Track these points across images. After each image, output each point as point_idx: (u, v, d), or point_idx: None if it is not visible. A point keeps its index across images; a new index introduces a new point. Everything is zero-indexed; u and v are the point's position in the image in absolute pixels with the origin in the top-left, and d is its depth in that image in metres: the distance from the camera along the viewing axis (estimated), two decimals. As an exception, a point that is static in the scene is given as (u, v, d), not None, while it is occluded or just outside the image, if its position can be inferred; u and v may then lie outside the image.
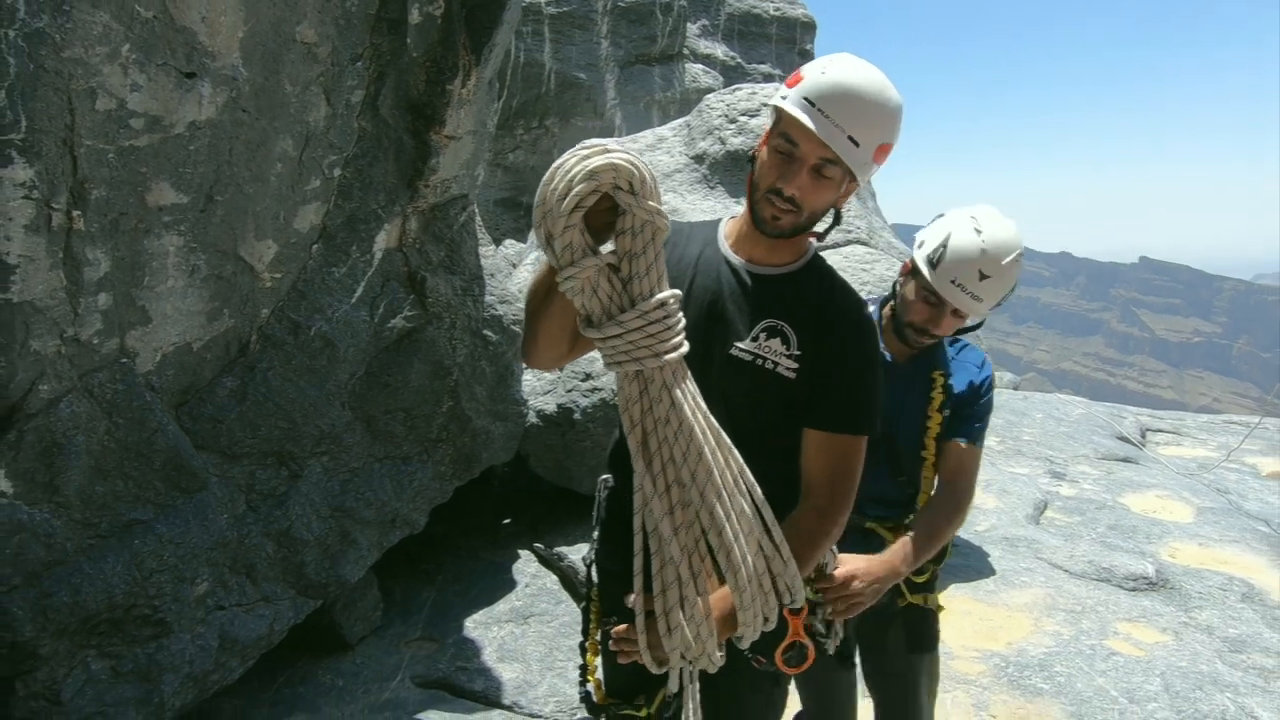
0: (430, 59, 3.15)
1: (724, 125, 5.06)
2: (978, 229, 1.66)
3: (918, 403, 1.83)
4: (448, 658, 3.22)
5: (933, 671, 1.98)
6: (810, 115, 1.24)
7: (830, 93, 1.24)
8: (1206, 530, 4.84)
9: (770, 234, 1.34)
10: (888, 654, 1.98)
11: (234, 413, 2.63)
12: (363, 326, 3.07)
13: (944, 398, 1.81)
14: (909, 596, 1.89)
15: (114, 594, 2.16)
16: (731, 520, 1.14)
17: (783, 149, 1.28)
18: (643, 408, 1.14)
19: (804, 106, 1.25)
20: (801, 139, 1.26)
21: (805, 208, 1.30)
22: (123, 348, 2.21)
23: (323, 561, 2.91)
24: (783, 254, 1.42)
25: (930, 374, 1.83)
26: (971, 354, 1.90)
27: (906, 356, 1.86)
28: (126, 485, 2.25)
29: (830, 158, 1.26)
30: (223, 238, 2.44)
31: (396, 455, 3.29)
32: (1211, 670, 3.18)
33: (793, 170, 1.28)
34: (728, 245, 1.46)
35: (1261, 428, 8.07)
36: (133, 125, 2.01)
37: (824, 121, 1.24)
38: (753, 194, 1.35)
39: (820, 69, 1.28)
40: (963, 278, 1.66)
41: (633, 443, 1.15)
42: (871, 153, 1.29)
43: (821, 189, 1.30)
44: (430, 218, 3.41)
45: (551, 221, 1.07)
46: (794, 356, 1.36)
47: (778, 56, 9.48)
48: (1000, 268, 1.65)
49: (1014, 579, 4.03)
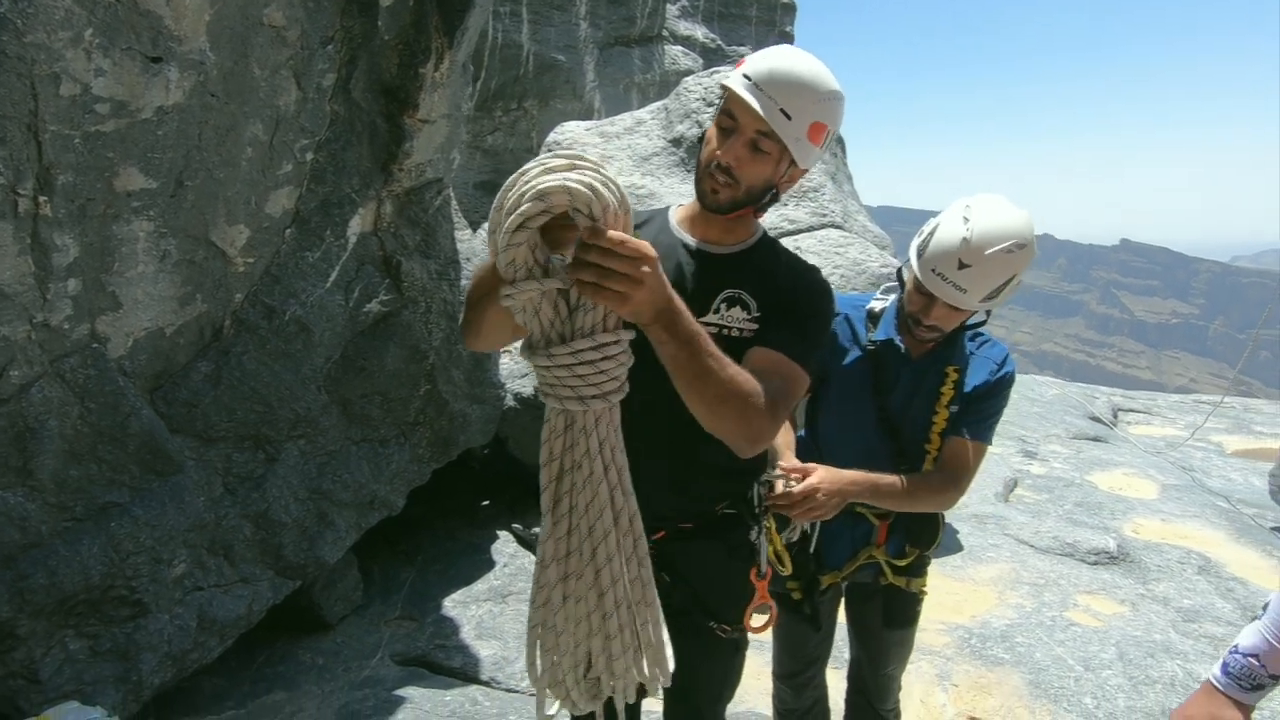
0: (402, 42, 3.14)
1: (702, 108, 5.06)
2: (966, 218, 1.65)
3: (927, 396, 1.83)
4: (427, 636, 3.28)
5: (904, 646, 2.05)
6: (748, 90, 1.33)
7: (768, 71, 1.33)
8: (1169, 506, 5.00)
9: (711, 208, 1.40)
10: (865, 626, 2.06)
11: (209, 396, 2.65)
12: (338, 310, 3.09)
13: (954, 393, 1.81)
14: (890, 577, 1.94)
15: (90, 575, 2.19)
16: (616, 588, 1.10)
17: (725, 124, 1.37)
18: (564, 444, 1.08)
19: (745, 84, 1.34)
20: (740, 112, 1.34)
21: (742, 181, 1.36)
22: (94, 333, 2.22)
23: (301, 543, 2.94)
24: (735, 233, 1.48)
25: (944, 368, 1.82)
26: (993, 350, 1.85)
27: (921, 350, 1.85)
28: (101, 469, 2.27)
29: (765, 130, 1.33)
30: (193, 223, 2.44)
31: (374, 438, 3.32)
32: (1165, 639, 3.31)
33: (731, 142, 1.35)
34: (682, 229, 1.50)
35: (1229, 406, 8.28)
36: (98, 110, 2.00)
37: (759, 95, 1.32)
38: (696, 171, 1.42)
39: (763, 54, 1.38)
40: (943, 267, 1.65)
41: (545, 477, 1.10)
42: (805, 129, 1.34)
43: (757, 162, 1.36)
44: (405, 202, 3.41)
45: (498, 235, 0.99)
46: (754, 319, 1.41)
47: (758, 39, 9.45)
48: (982, 258, 1.60)
49: (981, 555, 4.15)
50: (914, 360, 1.85)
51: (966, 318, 1.78)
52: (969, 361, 1.84)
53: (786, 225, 4.51)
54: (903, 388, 1.85)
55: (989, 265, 1.61)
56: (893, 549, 1.94)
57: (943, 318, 1.73)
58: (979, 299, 1.66)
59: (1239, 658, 1.12)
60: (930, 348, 1.85)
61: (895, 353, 1.86)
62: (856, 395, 1.88)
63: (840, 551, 1.95)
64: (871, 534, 1.93)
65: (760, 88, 1.32)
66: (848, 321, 1.91)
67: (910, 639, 2.05)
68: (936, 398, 1.82)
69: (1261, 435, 7.28)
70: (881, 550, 1.93)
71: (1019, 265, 1.65)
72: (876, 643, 2.04)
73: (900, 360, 1.85)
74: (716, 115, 1.40)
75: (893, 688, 2.08)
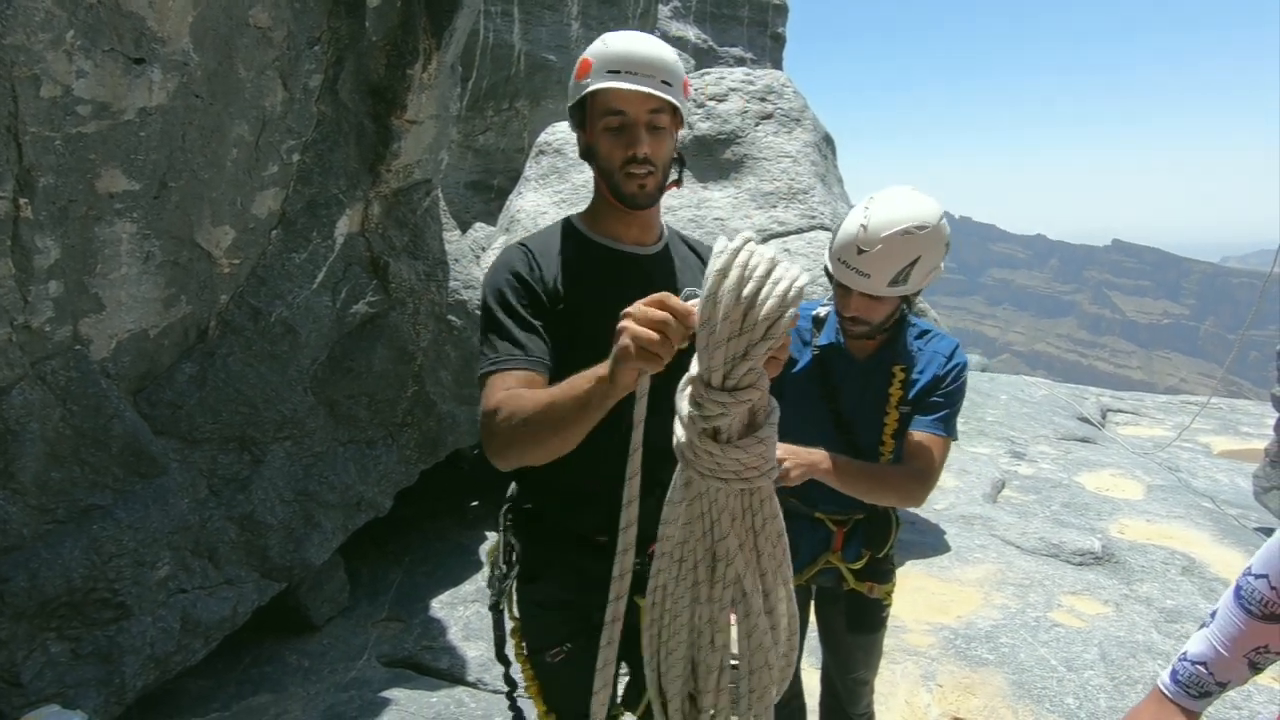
0: (390, 43, 3.13)
1: (692, 110, 5.07)
2: (866, 207, 1.69)
3: (876, 397, 1.84)
4: (414, 637, 3.28)
5: (871, 652, 2.06)
6: (625, 80, 1.31)
7: (627, 56, 1.33)
8: (1155, 507, 5.03)
9: (642, 204, 1.38)
10: (831, 630, 2.08)
11: (194, 398, 2.65)
12: (324, 312, 3.08)
13: (902, 393, 1.81)
14: (852, 583, 1.96)
15: (72, 578, 2.19)
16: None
17: (613, 124, 1.34)
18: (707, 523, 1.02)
19: (617, 78, 1.32)
20: (627, 104, 1.32)
21: (658, 164, 1.36)
22: (76, 335, 2.21)
23: (286, 545, 2.94)
24: (652, 229, 1.49)
25: (890, 368, 1.83)
26: (940, 344, 1.85)
27: (866, 353, 1.86)
28: (83, 471, 2.26)
29: (656, 106, 1.34)
30: (178, 224, 2.44)
31: (361, 439, 3.32)
32: (1147, 639, 3.34)
33: (633, 135, 1.33)
34: (604, 238, 1.45)
35: (1217, 407, 8.34)
36: (79, 112, 2.00)
37: (636, 79, 1.31)
38: (609, 181, 1.38)
39: (602, 45, 1.36)
40: (845, 255, 1.69)
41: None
42: (681, 88, 1.38)
43: (661, 140, 1.36)
44: (393, 203, 3.41)
45: (753, 344, 0.89)
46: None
47: (750, 39, 9.46)
48: (878, 241, 1.62)
49: (968, 555, 4.17)
50: (859, 361, 1.86)
51: (890, 310, 1.76)
52: (915, 359, 1.83)
53: (776, 227, 4.52)
54: (851, 390, 1.86)
55: (887, 249, 1.63)
56: (850, 555, 1.95)
57: (861, 308, 1.73)
58: (884, 283, 1.67)
59: (1187, 665, 1.13)
60: (874, 348, 1.85)
61: (840, 355, 1.88)
62: (808, 399, 1.90)
63: (800, 557, 1.96)
64: (830, 540, 1.95)
65: (634, 72, 1.31)
66: (798, 329, 1.92)
67: (877, 645, 2.05)
68: (886, 398, 1.82)
69: (1248, 436, 7.33)
70: (838, 556, 1.94)
71: (921, 248, 1.65)
72: (842, 647, 2.05)
73: (846, 362, 1.87)
74: (591, 128, 1.37)
75: (863, 692, 2.09)
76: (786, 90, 5.17)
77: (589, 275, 1.40)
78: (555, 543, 1.46)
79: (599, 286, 1.38)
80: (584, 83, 1.35)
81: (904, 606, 3.57)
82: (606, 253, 1.43)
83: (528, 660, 1.51)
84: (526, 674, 1.52)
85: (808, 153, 4.91)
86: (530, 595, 1.48)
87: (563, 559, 1.46)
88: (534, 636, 1.49)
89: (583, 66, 1.36)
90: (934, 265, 1.71)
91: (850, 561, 1.94)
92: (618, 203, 1.39)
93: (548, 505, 1.48)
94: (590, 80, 1.34)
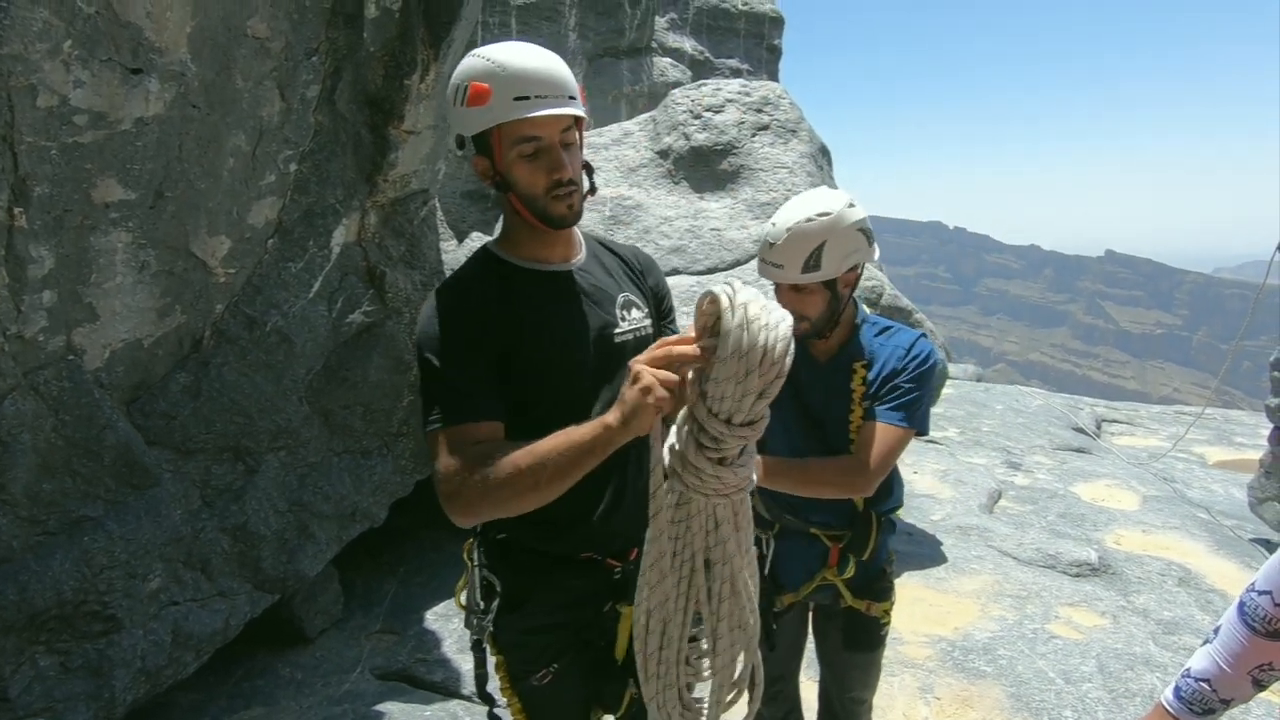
0: (388, 53, 3.14)
1: (689, 121, 5.09)
2: (774, 218, 1.79)
3: (841, 396, 1.86)
4: (408, 649, 3.26)
5: (868, 671, 2.04)
6: (531, 104, 1.25)
7: (526, 76, 1.26)
8: (1150, 517, 5.04)
9: (571, 222, 1.36)
10: (828, 648, 2.06)
11: (187, 409, 2.63)
12: (320, 321, 3.07)
13: (864, 389, 1.84)
14: (850, 600, 1.95)
15: (62, 591, 2.16)
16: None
17: (528, 150, 1.28)
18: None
19: (519, 105, 1.25)
20: (540, 129, 1.27)
21: (577, 180, 1.34)
22: (69, 345, 2.20)
23: (280, 556, 2.92)
24: (573, 243, 1.47)
25: (851, 365, 1.85)
26: (900, 337, 1.87)
27: (829, 354, 1.90)
28: (75, 482, 2.24)
29: (567, 124, 1.30)
30: (173, 234, 2.43)
31: (356, 449, 3.30)
32: (1144, 651, 3.33)
33: (552, 159, 1.29)
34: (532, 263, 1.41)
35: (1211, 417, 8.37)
36: (76, 122, 1.99)
37: (544, 101, 1.26)
38: (534, 207, 1.32)
39: (495, 67, 1.26)
40: (762, 254, 1.78)
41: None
42: (580, 94, 1.34)
43: (575, 156, 1.34)
44: (390, 212, 3.41)
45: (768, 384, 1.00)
46: (647, 312, 1.51)
47: (746, 51, 9.52)
48: (783, 233, 1.72)
49: (964, 566, 4.16)
50: (822, 364, 1.89)
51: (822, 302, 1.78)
52: (875, 354, 1.86)
53: (772, 237, 4.54)
54: (815, 391, 1.88)
55: (792, 237, 1.71)
56: (843, 566, 1.94)
57: (792, 301, 1.77)
58: (798, 270, 1.73)
59: (1191, 681, 1.12)
60: (834, 349, 1.88)
61: (803, 360, 1.88)
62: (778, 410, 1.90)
63: (795, 573, 1.95)
64: (825, 555, 1.94)
65: (542, 95, 1.26)
66: None
67: (875, 664, 2.03)
68: (849, 395, 1.85)
69: (1242, 446, 7.35)
70: (834, 571, 1.93)
71: (825, 233, 1.71)
72: (840, 665, 2.03)
73: (809, 366, 1.89)
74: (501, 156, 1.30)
75: (860, 711, 2.06)
76: (783, 102, 5.20)
77: (523, 302, 1.35)
78: (538, 568, 1.42)
79: (537, 310, 1.35)
80: (486, 111, 1.26)
81: (901, 618, 3.56)
82: (536, 275, 1.39)
83: (512, 690, 1.46)
84: (513, 705, 1.47)
85: (804, 164, 4.94)
86: (516, 624, 1.43)
87: (548, 581, 1.43)
88: (520, 664, 1.45)
89: (477, 92, 1.25)
90: (848, 250, 1.75)
91: (843, 573, 1.93)
92: (545, 226, 1.34)
93: (525, 534, 1.42)
94: (494, 109, 1.25)
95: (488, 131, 1.29)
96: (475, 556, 1.46)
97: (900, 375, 1.81)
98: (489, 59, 1.27)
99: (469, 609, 1.45)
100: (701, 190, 4.92)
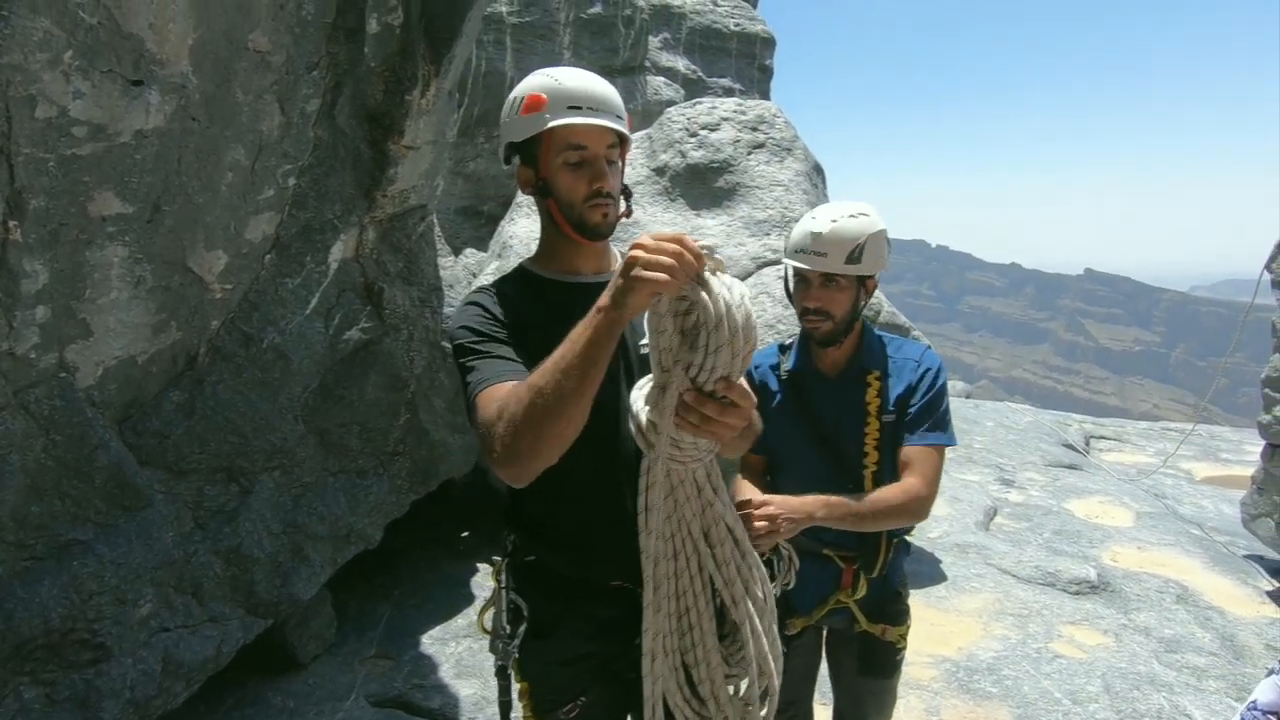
0: (389, 69, 3.12)
1: (685, 138, 5.11)
2: (813, 216, 1.84)
3: (854, 408, 1.85)
4: (404, 675, 3.17)
5: (884, 698, 2.00)
6: (586, 116, 1.32)
7: (583, 91, 1.34)
8: (1145, 534, 5.05)
9: (605, 234, 1.39)
10: (842, 673, 2.03)
11: (181, 427, 2.56)
12: (317, 338, 3.02)
13: (880, 400, 1.83)
14: (865, 624, 1.92)
15: (50, 618, 2.08)
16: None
17: (573, 159, 1.34)
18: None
19: (573, 114, 1.32)
20: (587, 139, 1.33)
21: (615, 195, 1.38)
22: (62, 362, 2.13)
23: (274, 579, 2.83)
24: (607, 257, 1.49)
25: (864, 377, 1.86)
26: (909, 349, 1.89)
27: (838, 368, 1.89)
28: (64, 504, 2.16)
29: (612, 141, 1.36)
30: (170, 248, 2.37)
31: (351, 469, 3.23)
32: (1149, 671, 3.31)
33: (595, 169, 1.34)
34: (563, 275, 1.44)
35: (1196, 434, 8.46)
36: (75, 134, 1.94)
37: (594, 113, 1.32)
38: (571, 214, 1.36)
39: (552, 81, 1.34)
40: (801, 243, 1.81)
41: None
42: (625, 117, 1.40)
43: (616, 174, 1.38)
44: (388, 228, 3.37)
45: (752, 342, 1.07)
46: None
47: (738, 71, 9.62)
48: (829, 224, 1.77)
49: (964, 585, 4.14)
50: (832, 378, 1.89)
51: (849, 301, 1.82)
52: (887, 364, 1.87)
53: (769, 254, 4.54)
54: (828, 406, 1.88)
55: (838, 229, 1.77)
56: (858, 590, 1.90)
57: (823, 297, 1.81)
58: (841, 260, 1.77)
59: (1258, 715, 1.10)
60: (844, 361, 1.88)
61: (812, 375, 1.92)
62: (790, 430, 1.89)
63: (808, 596, 1.92)
64: (839, 577, 1.90)
65: (594, 108, 1.32)
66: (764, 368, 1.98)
67: (891, 691, 1.99)
68: (864, 407, 1.85)
69: (1228, 462, 7.43)
70: (848, 593, 1.90)
71: (868, 229, 1.78)
72: (854, 691, 2.00)
73: (818, 380, 1.90)
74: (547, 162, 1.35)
75: None
76: (778, 120, 5.23)
77: (552, 310, 1.35)
78: (567, 594, 1.39)
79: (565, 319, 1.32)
80: (539, 118, 1.32)
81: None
82: (567, 287, 1.41)
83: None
84: None
85: (799, 181, 4.96)
86: (544, 653, 1.40)
87: (576, 609, 1.39)
88: (548, 695, 1.40)
89: (532, 102, 1.33)
90: (881, 254, 1.82)
91: (855, 593, 1.90)
92: (579, 236, 1.37)
93: (555, 558, 1.40)
94: (549, 115, 1.32)
95: (537, 139, 1.35)
96: (503, 579, 1.43)
97: (920, 392, 1.82)
98: (549, 75, 1.36)
99: (494, 633, 1.41)
100: (698, 207, 4.93)
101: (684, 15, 9.42)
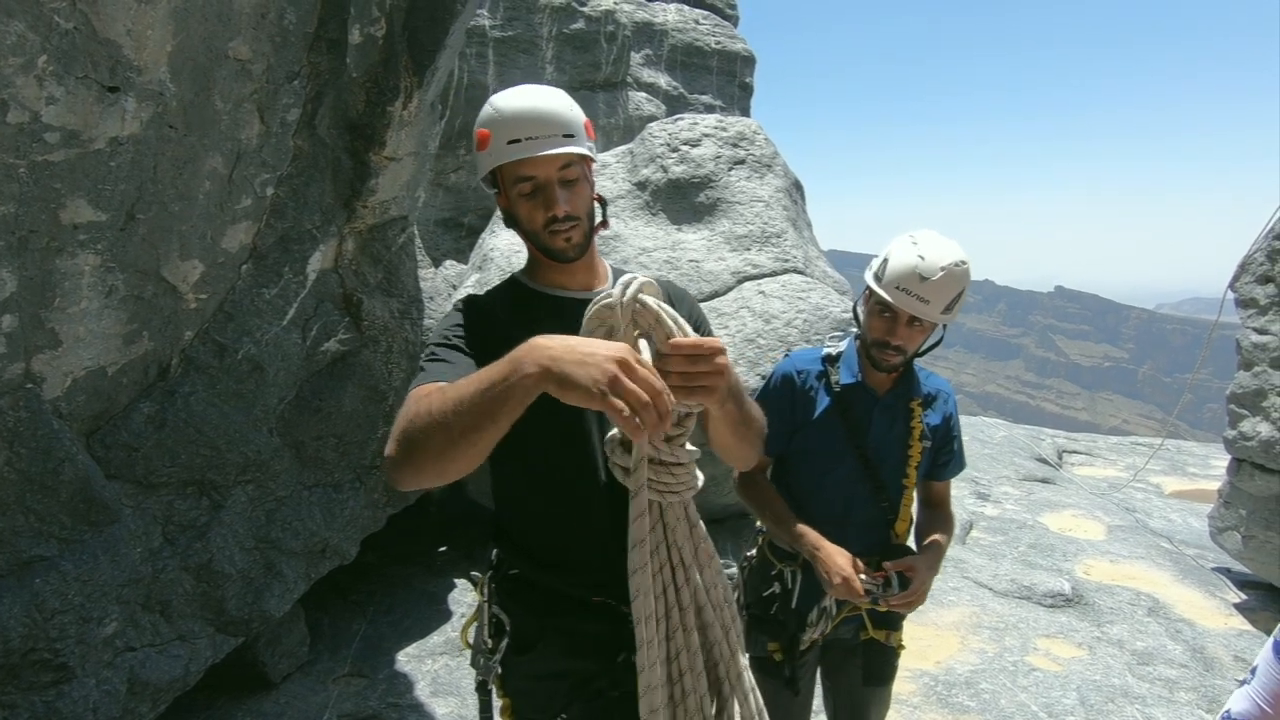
0: (371, 80, 3.10)
1: (666, 154, 5.14)
2: (914, 242, 1.81)
3: (901, 433, 1.91)
4: (378, 694, 3.10)
5: (883, 704, 2.03)
6: (523, 147, 1.29)
7: (519, 118, 1.30)
8: (1117, 547, 5.13)
9: (574, 257, 1.37)
10: (845, 683, 2.03)
11: (151, 440, 2.50)
12: (294, 349, 2.97)
13: (922, 427, 1.91)
14: (871, 631, 1.93)
15: (9, 638, 2.00)
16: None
17: (526, 190, 1.33)
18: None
19: (511, 148, 1.30)
20: (534, 169, 1.31)
21: (580, 215, 1.35)
22: (28, 372, 2.07)
23: (245, 596, 2.77)
24: (593, 272, 1.48)
25: (909, 404, 1.92)
26: (937, 381, 2.01)
27: (886, 388, 1.93)
28: (27, 520, 2.10)
29: (564, 162, 1.32)
30: (144, 257, 2.33)
31: (327, 483, 3.18)
32: (1122, 683, 3.35)
33: (549, 196, 1.32)
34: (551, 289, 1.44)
35: (1164, 448, 8.63)
36: (47, 139, 1.90)
37: (534, 143, 1.29)
38: (536, 242, 1.37)
39: (494, 112, 1.33)
40: (906, 283, 1.76)
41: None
42: (584, 131, 1.36)
43: (578, 191, 1.35)
44: (368, 239, 3.34)
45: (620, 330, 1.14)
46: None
47: (719, 88, 9.73)
48: (938, 270, 1.74)
49: (942, 598, 4.17)
50: (881, 398, 1.92)
51: (926, 336, 1.86)
52: (926, 394, 1.96)
53: (750, 270, 4.57)
54: (878, 427, 1.90)
55: (947, 278, 1.75)
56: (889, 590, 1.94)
57: (907, 337, 1.82)
58: (940, 310, 1.78)
59: None
60: (891, 384, 1.93)
61: (864, 393, 1.92)
62: (832, 441, 1.90)
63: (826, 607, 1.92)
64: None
65: (534, 136, 1.29)
66: (810, 374, 1.96)
67: (888, 696, 2.03)
68: (909, 433, 1.90)
69: (1195, 476, 7.59)
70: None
71: (965, 281, 1.80)
72: (858, 702, 2.00)
73: (870, 399, 1.92)
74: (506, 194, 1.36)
75: None
76: (758, 137, 5.29)
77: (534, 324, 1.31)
78: (550, 609, 1.37)
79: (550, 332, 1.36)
80: (488, 156, 1.33)
81: (883, 652, 3.53)
82: (554, 300, 1.41)
83: None
84: None
85: (779, 198, 5.01)
86: (526, 668, 1.38)
87: (558, 624, 1.37)
88: (530, 712, 1.38)
89: (480, 138, 1.33)
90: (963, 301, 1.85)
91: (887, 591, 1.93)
92: (549, 260, 1.39)
93: (538, 573, 1.38)
94: (491, 154, 1.32)
95: (495, 173, 1.36)
96: (486, 592, 1.41)
97: (951, 426, 1.96)
98: (492, 105, 1.35)
99: (476, 648, 1.38)
100: (679, 222, 4.95)
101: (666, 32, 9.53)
